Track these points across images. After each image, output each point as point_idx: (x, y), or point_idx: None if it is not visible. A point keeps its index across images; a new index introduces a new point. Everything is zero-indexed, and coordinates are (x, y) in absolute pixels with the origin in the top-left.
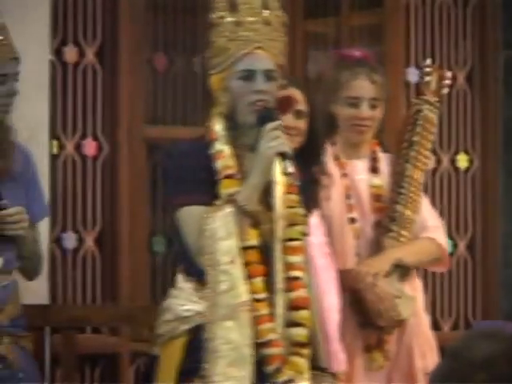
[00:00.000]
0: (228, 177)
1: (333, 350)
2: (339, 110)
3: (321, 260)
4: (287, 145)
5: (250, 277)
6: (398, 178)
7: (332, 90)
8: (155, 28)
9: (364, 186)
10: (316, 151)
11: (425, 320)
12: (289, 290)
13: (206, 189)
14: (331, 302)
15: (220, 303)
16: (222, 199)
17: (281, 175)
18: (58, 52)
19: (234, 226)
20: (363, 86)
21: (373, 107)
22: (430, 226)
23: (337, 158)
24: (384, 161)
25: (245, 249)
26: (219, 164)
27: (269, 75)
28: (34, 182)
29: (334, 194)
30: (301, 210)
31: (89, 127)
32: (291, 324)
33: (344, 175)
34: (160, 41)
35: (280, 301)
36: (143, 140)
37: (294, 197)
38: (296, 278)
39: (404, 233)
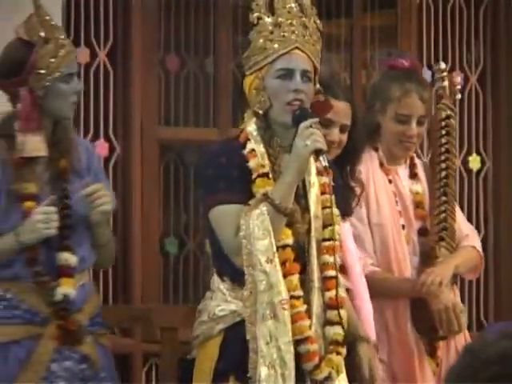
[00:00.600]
0: (262, 176)
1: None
2: (387, 122)
3: (357, 267)
4: (322, 142)
5: (285, 275)
6: (438, 186)
7: (380, 101)
8: (167, 29)
9: (407, 193)
10: (354, 159)
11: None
12: (325, 289)
13: (239, 188)
14: (369, 309)
15: (260, 302)
16: (257, 198)
17: (316, 175)
18: None
19: (269, 225)
20: (414, 105)
21: (420, 124)
22: (468, 235)
23: (382, 164)
24: (420, 167)
25: (280, 247)
26: (253, 163)
27: (306, 75)
28: (98, 175)
29: (383, 201)
30: (335, 211)
31: (101, 128)
32: (328, 323)
33: (390, 181)
34: (172, 41)
35: (316, 299)
36: (155, 141)
37: (329, 197)
38: (331, 278)
39: (452, 243)
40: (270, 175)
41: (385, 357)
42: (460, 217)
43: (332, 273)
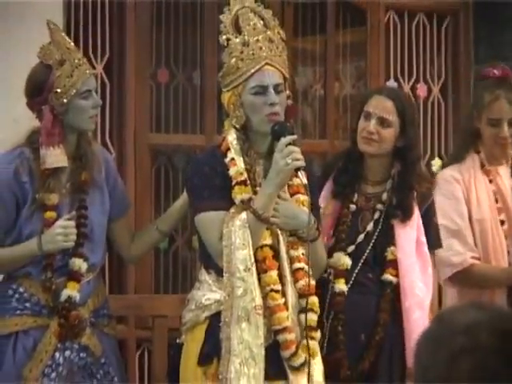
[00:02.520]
0: (240, 183)
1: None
2: (483, 127)
3: (415, 271)
4: (302, 160)
5: (266, 271)
6: None
7: (476, 109)
8: (158, 45)
9: (508, 191)
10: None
11: None
12: (295, 280)
13: (222, 195)
14: (420, 315)
15: (236, 306)
16: (238, 206)
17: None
18: None
19: (249, 236)
20: (502, 108)
21: (511, 125)
22: None
23: (483, 166)
24: None
25: (259, 248)
26: (232, 171)
27: (278, 88)
28: (116, 183)
29: (483, 199)
30: (305, 209)
31: (98, 134)
32: (302, 310)
33: (490, 181)
34: (163, 56)
35: (290, 291)
36: (147, 146)
37: (302, 196)
38: (299, 269)
39: None
40: (248, 182)
41: None
42: None
43: (299, 265)
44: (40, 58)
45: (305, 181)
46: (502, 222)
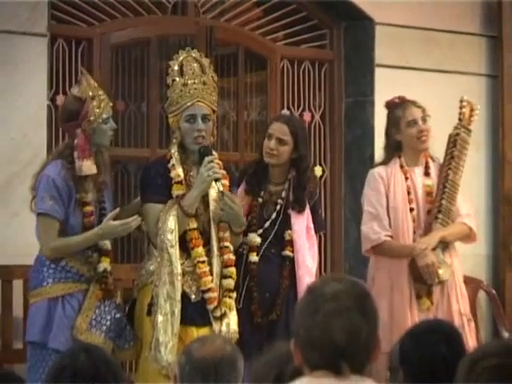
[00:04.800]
0: (177, 183)
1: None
2: (404, 134)
3: (305, 246)
4: (219, 173)
5: (193, 247)
6: (443, 180)
7: (393, 126)
8: (117, 83)
9: (418, 185)
10: (303, 165)
11: (460, 277)
12: (221, 254)
13: (162, 191)
14: (309, 278)
15: (163, 273)
16: (173, 200)
17: (215, 184)
18: (52, 99)
19: (176, 223)
20: (414, 111)
21: (424, 121)
22: (462, 214)
23: (402, 167)
24: (434, 167)
25: (189, 230)
26: (173, 174)
27: (205, 118)
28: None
29: (398, 192)
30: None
31: None
32: (224, 277)
33: (406, 178)
34: (120, 91)
35: (216, 262)
36: (110, 157)
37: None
38: (225, 247)
39: (447, 220)
40: (183, 182)
41: (386, 304)
42: (461, 201)
43: (226, 244)
44: (74, 92)
45: (221, 188)
46: (412, 209)
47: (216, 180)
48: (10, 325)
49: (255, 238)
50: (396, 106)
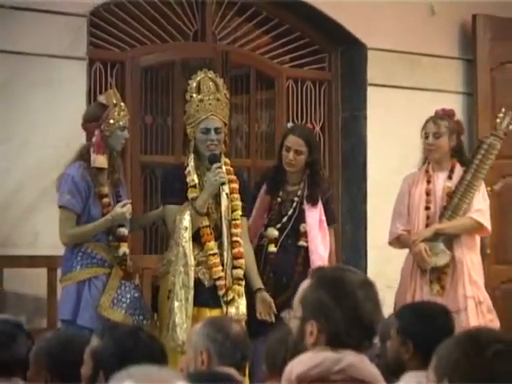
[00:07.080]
0: (192, 186)
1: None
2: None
3: (319, 236)
4: (225, 178)
5: (205, 242)
6: (460, 181)
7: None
8: (146, 99)
9: (438, 187)
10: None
11: (470, 265)
12: (232, 247)
13: (179, 195)
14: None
15: (179, 264)
16: (188, 202)
17: (227, 184)
18: None
19: (190, 222)
20: (428, 126)
21: (435, 137)
22: (473, 209)
23: (427, 171)
24: (458, 172)
25: (202, 227)
26: (188, 179)
27: (217, 130)
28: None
29: (418, 193)
30: (239, 202)
31: None
32: (234, 267)
33: (428, 181)
34: (148, 107)
35: (226, 254)
36: (139, 163)
37: (236, 195)
38: (236, 241)
39: (455, 216)
40: (197, 186)
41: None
42: (476, 199)
43: (237, 238)
44: (100, 99)
45: (227, 190)
46: (428, 208)
47: (222, 184)
48: (54, 308)
49: (273, 232)
50: (427, 119)
